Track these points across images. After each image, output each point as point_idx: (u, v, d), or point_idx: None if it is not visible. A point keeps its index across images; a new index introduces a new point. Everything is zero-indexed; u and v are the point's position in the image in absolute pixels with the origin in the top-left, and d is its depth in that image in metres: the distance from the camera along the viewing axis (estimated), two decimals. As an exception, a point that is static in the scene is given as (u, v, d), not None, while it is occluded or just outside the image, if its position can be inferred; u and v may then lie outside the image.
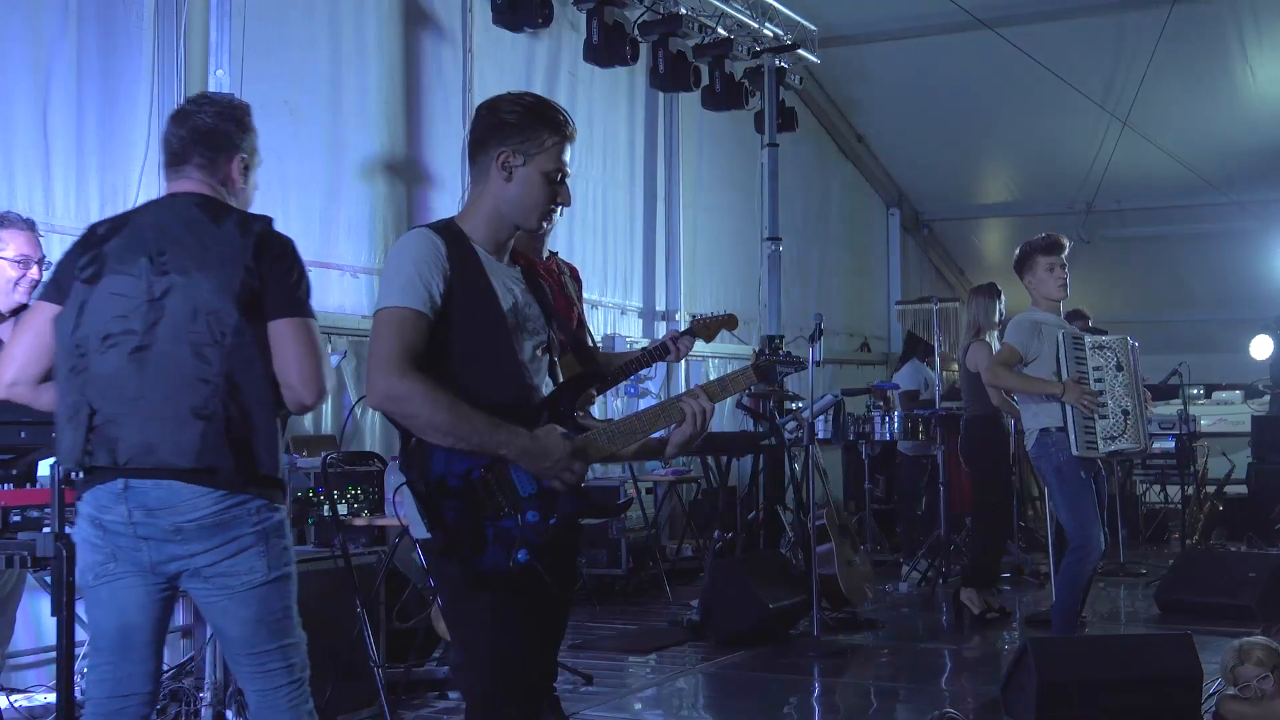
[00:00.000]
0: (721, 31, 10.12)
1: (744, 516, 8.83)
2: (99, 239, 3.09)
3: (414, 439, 2.78)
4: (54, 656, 3.90)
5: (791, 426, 8.43)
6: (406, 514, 2.78)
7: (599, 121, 9.71)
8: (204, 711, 4.66)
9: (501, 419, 2.77)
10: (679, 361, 5.05)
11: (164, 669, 3.43)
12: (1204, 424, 11.46)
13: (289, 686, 3.07)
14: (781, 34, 10.72)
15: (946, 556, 8.73)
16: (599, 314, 9.61)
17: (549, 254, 4.95)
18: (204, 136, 3.15)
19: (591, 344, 4.91)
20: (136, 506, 2.93)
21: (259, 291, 2.99)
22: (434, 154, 8.05)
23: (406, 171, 7.88)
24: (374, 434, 7.22)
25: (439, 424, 2.72)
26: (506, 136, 2.90)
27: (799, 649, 6.74)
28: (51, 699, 4.44)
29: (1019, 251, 6.17)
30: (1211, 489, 11.28)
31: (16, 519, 3.92)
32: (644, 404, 7.09)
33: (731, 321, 5.23)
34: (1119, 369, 5.85)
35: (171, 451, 2.92)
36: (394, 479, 5.22)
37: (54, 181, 5.85)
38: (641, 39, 9.48)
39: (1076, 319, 8.19)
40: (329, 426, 6.98)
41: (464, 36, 8.31)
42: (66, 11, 5.93)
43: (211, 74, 6.16)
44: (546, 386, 2.96)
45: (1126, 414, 5.81)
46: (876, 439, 9.40)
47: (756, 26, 10.48)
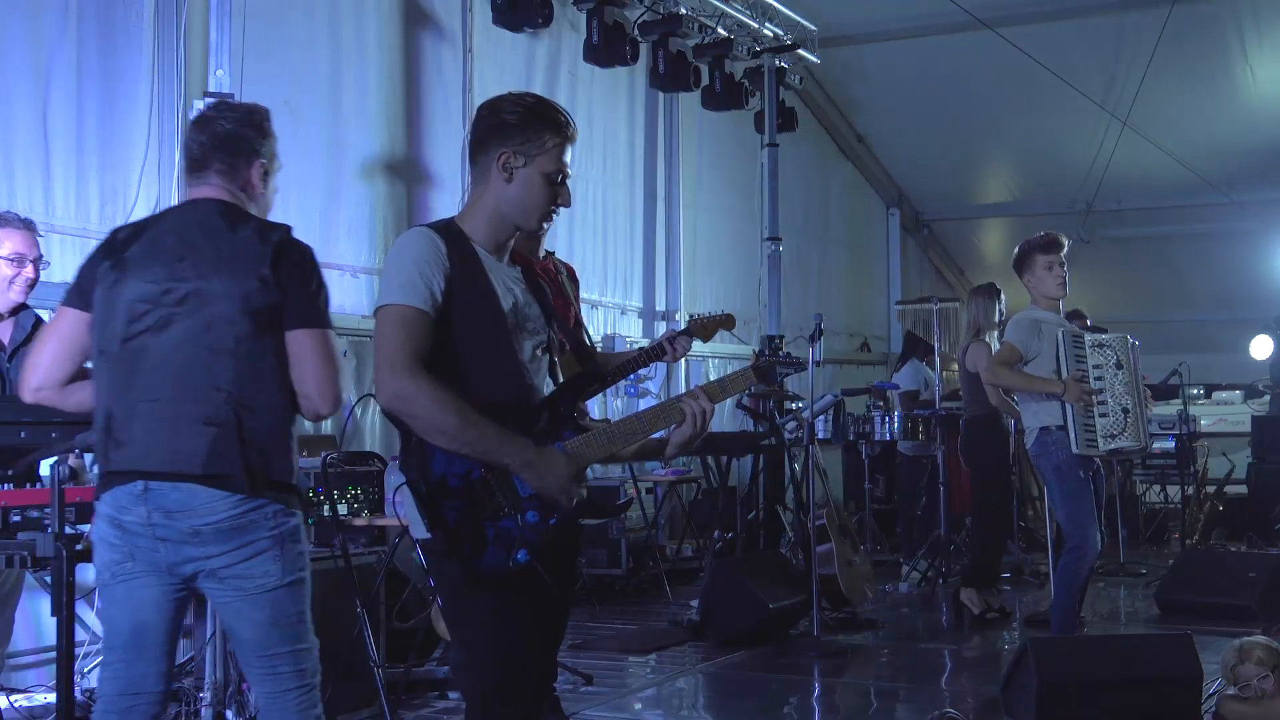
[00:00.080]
0: (721, 31, 10.12)
1: (744, 516, 8.83)
2: (120, 244, 3.13)
3: (414, 438, 2.78)
4: (54, 656, 3.92)
5: (791, 426, 8.42)
6: (406, 514, 2.78)
7: (599, 121, 9.70)
8: (204, 711, 4.66)
9: (501, 419, 2.76)
10: (676, 362, 5.05)
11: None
12: (1204, 424, 11.46)
13: (298, 690, 3.09)
14: (781, 34, 10.72)
15: (946, 556, 8.73)
16: (599, 314, 9.61)
17: (545, 253, 4.95)
18: (224, 142, 3.18)
19: (589, 344, 4.91)
20: (155, 508, 2.96)
21: (277, 300, 3.02)
22: (434, 154, 8.05)
23: (406, 171, 7.87)
24: (374, 434, 7.22)
25: (445, 427, 2.72)
26: (508, 137, 2.90)
27: (799, 649, 6.74)
28: (51, 699, 4.44)
29: (1018, 250, 6.17)
30: (1211, 489, 11.27)
31: (16, 519, 3.93)
32: (644, 404, 7.09)
33: (729, 321, 5.23)
34: (1119, 367, 5.85)
35: (181, 458, 2.95)
36: (394, 479, 5.24)
37: (54, 181, 5.85)
38: (641, 39, 9.48)
39: (1075, 319, 8.18)
40: (329, 426, 6.95)
41: (464, 36, 8.31)
42: (66, 11, 5.93)
43: (211, 74, 6.15)
44: (546, 386, 2.96)
45: (1126, 412, 5.81)
46: (876, 439, 9.40)
47: (756, 26, 10.48)
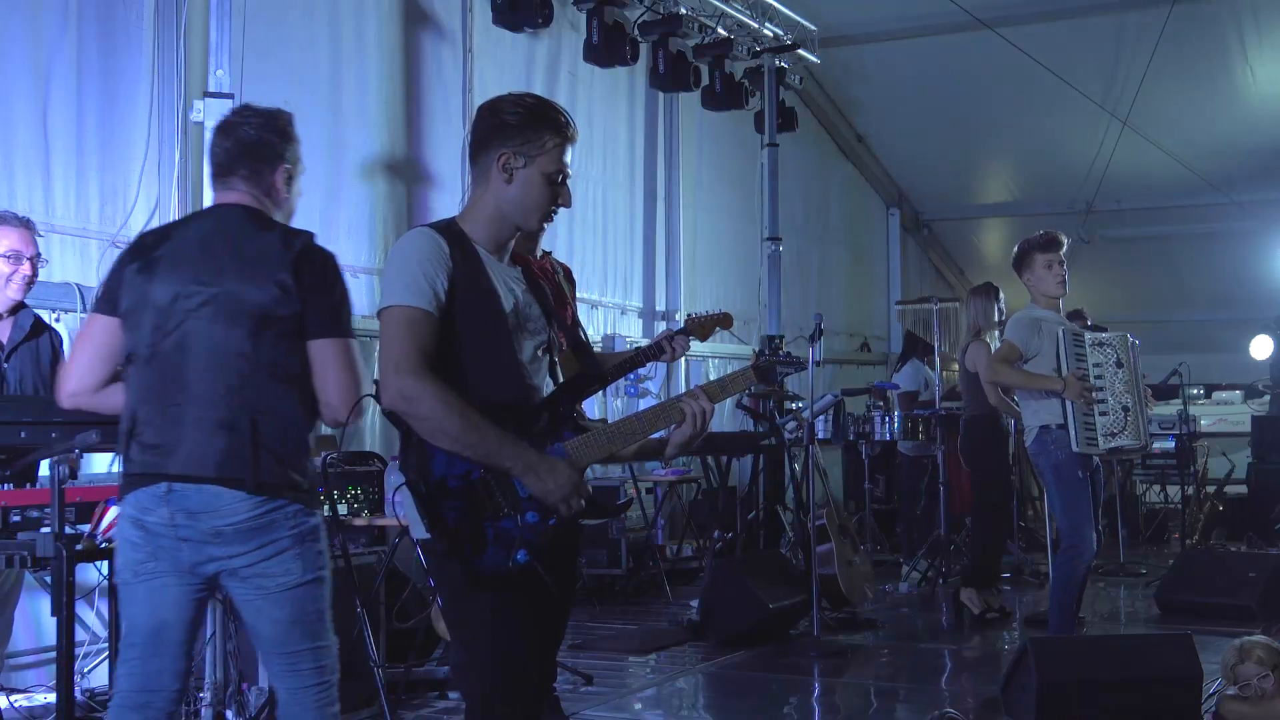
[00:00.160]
0: (721, 31, 10.11)
1: (744, 516, 8.83)
2: (147, 248, 3.18)
3: (415, 439, 2.78)
4: (54, 656, 3.92)
5: (791, 426, 8.42)
6: (406, 514, 2.78)
7: (599, 121, 9.70)
8: (204, 711, 4.66)
9: (502, 419, 2.77)
10: (674, 361, 5.06)
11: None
12: (1204, 424, 11.46)
13: (318, 687, 3.13)
14: (781, 34, 10.71)
15: (946, 556, 8.73)
16: (599, 314, 9.60)
17: (542, 253, 4.96)
18: (249, 149, 3.22)
19: (587, 342, 4.91)
20: (178, 509, 3.00)
21: (298, 308, 3.05)
22: (434, 154, 8.04)
23: (406, 171, 7.87)
24: (374, 434, 7.22)
25: (448, 429, 2.72)
26: (508, 138, 2.90)
27: (799, 649, 6.74)
28: (51, 699, 4.44)
29: (1017, 249, 6.17)
30: (1211, 489, 11.27)
31: (16, 519, 3.93)
32: (644, 404, 7.09)
33: (726, 320, 5.23)
34: (1119, 366, 5.85)
35: (200, 461, 2.99)
36: (394, 479, 5.24)
37: (54, 181, 5.85)
38: (641, 39, 9.47)
39: (1075, 319, 8.18)
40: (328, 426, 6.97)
41: (464, 36, 8.30)
42: (66, 11, 5.93)
43: (211, 74, 6.14)
44: (547, 387, 2.96)
45: (1127, 411, 5.81)
46: (876, 439, 9.40)
47: (756, 26, 10.48)
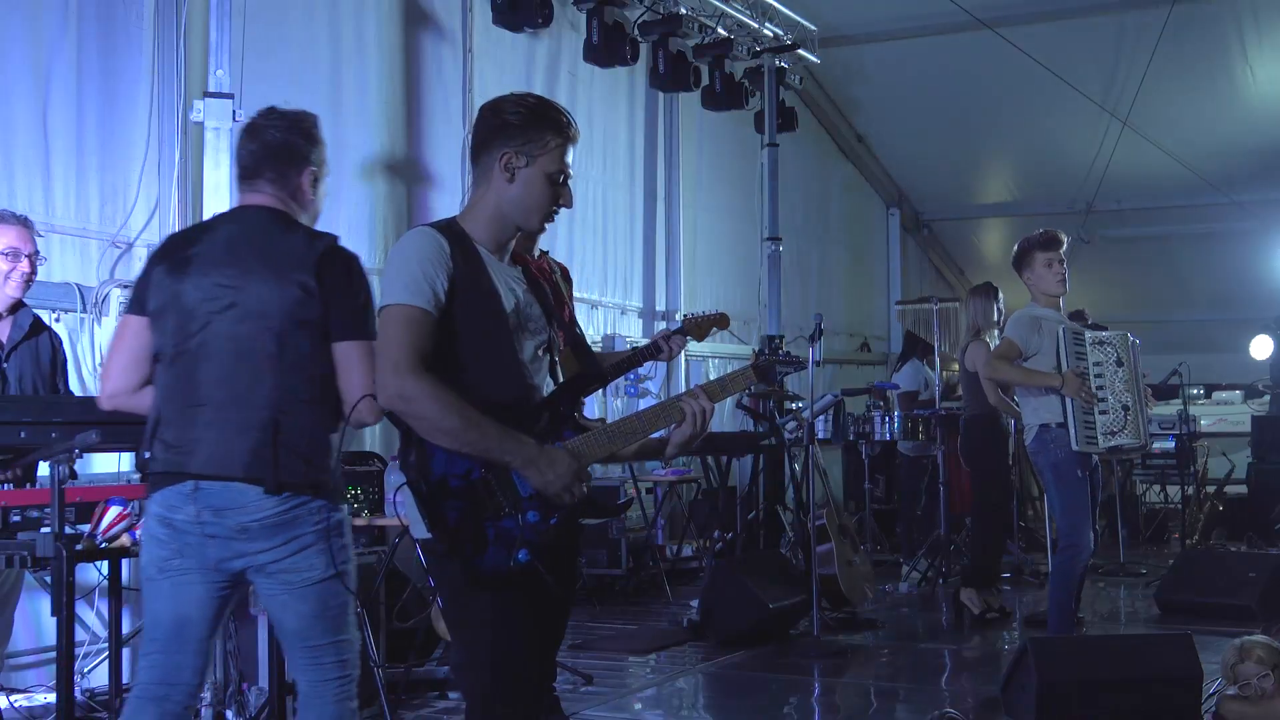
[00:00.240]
0: (721, 31, 10.11)
1: (744, 516, 8.83)
2: (173, 250, 3.22)
3: (415, 438, 2.78)
4: (54, 656, 3.92)
5: (791, 426, 8.42)
6: (407, 514, 2.78)
7: (599, 121, 9.70)
8: (204, 711, 4.66)
9: (502, 419, 2.76)
10: (671, 360, 5.07)
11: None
12: (1204, 424, 11.46)
13: (339, 681, 3.17)
14: (781, 34, 10.71)
15: (946, 556, 8.73)
16: (599, 314, 9.60)
17: (540, 253, 4.96)
18: (275, 152, 3.24)
19: (585, 341, 4.91)
20: (205, 507, 3.04)
21: (321, 311, 3.08)
22: (434, 154, 8.04)
23: (406, 171, 7.87)
24: (374, 434, 7.21)
25: (447, 427, 2.72)
26: (509, 138, 2.90)
27: (799, 649, 6.73)
28: (51, 699, 4.45)
29: (1017, 248, 6.17)
30: (1211, 489, 11.27)
31: (16, 519, 3.93)
32: (644, 404, 7.09)
33: (723, 320, 5.24)
34: (1119, 364, 5.85)
35: (225, 461, 3.03)
36: (394, 479, 5.23)
37: (54, 181, 5.85)
38: (641, 39, 9.47)
39: (1076, 319, 8.18)
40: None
41: (464, 36, 8.30)
42: (66, 11, 5.92)
43: (211, 74, 6.15)
44: (547, 386, 2.96)
45: (1126, 409, 5.80)
46: (876, 439, 9.40)
47: (756, 26, 10.47)
